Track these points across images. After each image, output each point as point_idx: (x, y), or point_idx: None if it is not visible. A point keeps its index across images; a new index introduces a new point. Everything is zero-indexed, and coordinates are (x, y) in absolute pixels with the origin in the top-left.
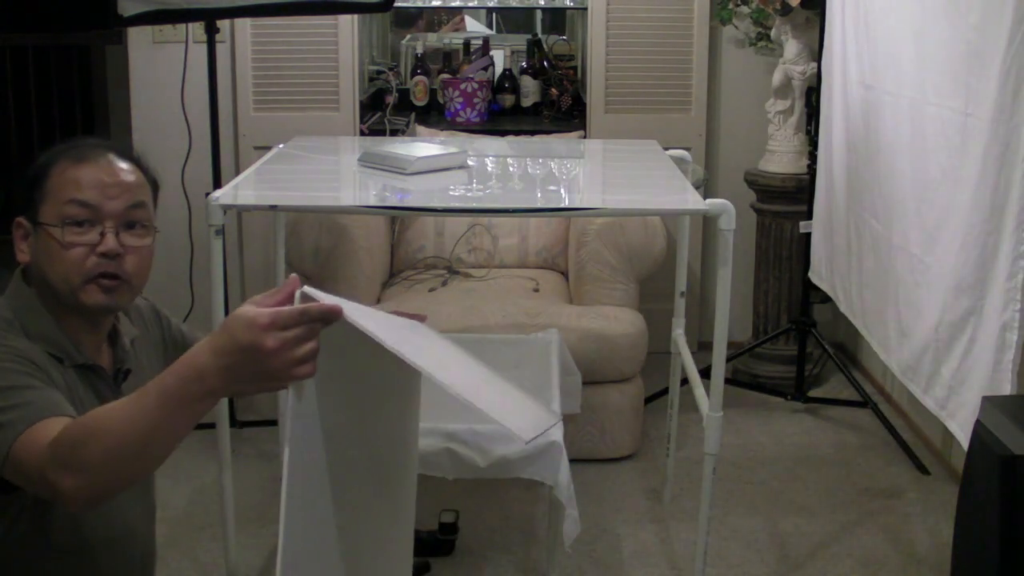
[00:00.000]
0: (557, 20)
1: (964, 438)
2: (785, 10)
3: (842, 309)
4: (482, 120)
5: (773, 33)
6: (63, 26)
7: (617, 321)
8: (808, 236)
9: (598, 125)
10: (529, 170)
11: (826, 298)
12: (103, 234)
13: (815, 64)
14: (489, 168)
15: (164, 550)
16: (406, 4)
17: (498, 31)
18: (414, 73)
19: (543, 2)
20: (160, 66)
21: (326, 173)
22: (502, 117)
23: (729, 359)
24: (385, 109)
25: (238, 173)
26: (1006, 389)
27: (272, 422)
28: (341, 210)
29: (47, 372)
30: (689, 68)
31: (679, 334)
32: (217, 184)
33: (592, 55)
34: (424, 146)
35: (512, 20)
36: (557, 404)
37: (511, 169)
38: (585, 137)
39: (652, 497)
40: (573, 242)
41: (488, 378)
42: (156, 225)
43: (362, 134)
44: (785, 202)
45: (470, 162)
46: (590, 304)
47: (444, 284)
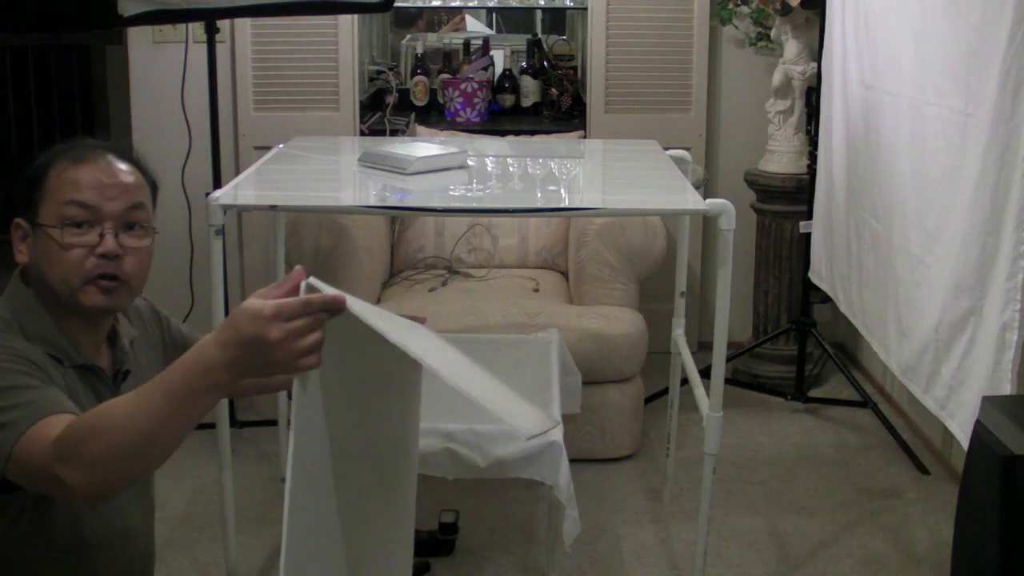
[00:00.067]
0: (557, 20)
1: (964, 438)
2: (785, 10)
3: (842, 309)
4: (482, 120)
5: (773, 33)
6: (63, 26)
7: (617, 321)
8: (808, 236)
9: (598, 125)
10: (529, 170)
11: (826, 298)
12: (102, 235)
13: (815, 64)
14: (489, 168)
15: (164, 550)
16: (406, 4)
17: (498, 31)
18: (414, 73)
19: (543, 2)
20: (160, 66)
21: (326, 173)
22: (502, 117)
23: (729, 359)
24: (385, 109)
25: (238, 173)
26: (1006, 389)
27: (272, 422)
28: (341, 210)
29: (46, 372)
30: (689, 68)
31: (679, 334)
32: (217, 184)
33: (592, 55)
34: (424, 146)
35: (512, 20)
36: (557, 404)
37: (511, 169)
38: (585, 137)
39: (652, 497)
40: (573, 242)
41: (488, 379)
42: (155, 226)
43: (362, 134)
44: (785, 202)
45: (470, 162)
46: (590, 304)
47: (444, 284)
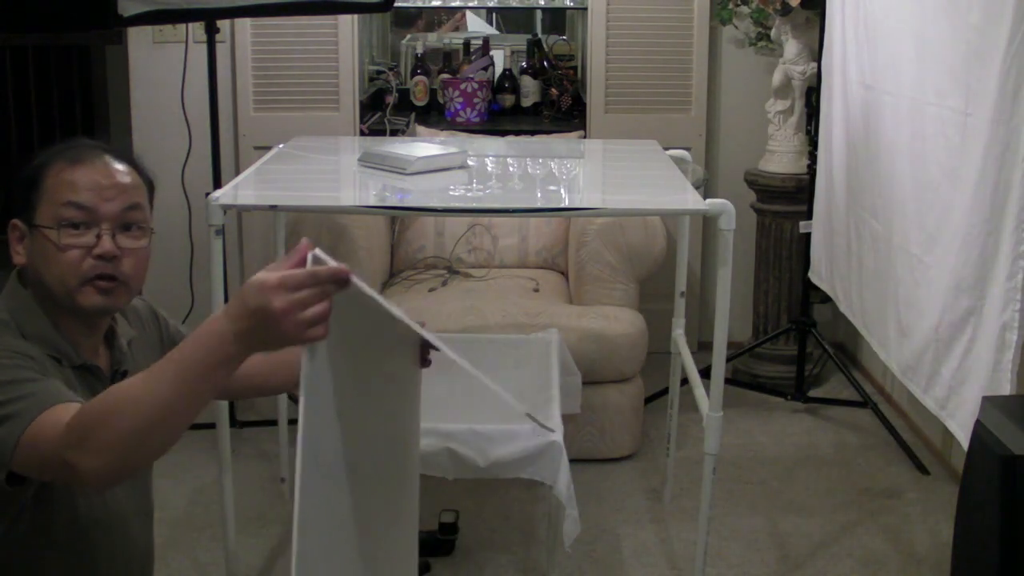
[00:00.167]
0: (557, 20)
1: (964, 438)
2: (785, 10)
3: (842, 309)
4: (482, 120)
5: (773, 33)
6: (63, 26)
7: (617, 321)
8: (808, 236)
9: (598, 125)
10: (529, 170)
11: (826, 298)
12: (99, 236)
13: (815, 64)
14: (489, 168)
15: (164, 550)
16: (406, 4)
17: (498, 31)
18: (414, 73)
19: (543, 2)
20: (160, 66)
21: (326, 173)
22: (502, 117)
23: (729, 359)
24: (385, 109)
25: (238, 173)
26: (1006, 389)
27: (272, 422)
28: (341, 210)
29: (45, 368)
30: (689, 68)
31: (679, 334)
32: (217, 184)
33: (592, 55)
34: (424, 146)
35: (512, 20)
36: (557, 404)
37: (511, 169)
38: (585, 137)
39: (652, 497)
40: (573, 242)
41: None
42: (152, 226)
43: (362, 134)
44: (785, 202)
45: (470, 162)
46: (590, 304)
47: (444, 284)
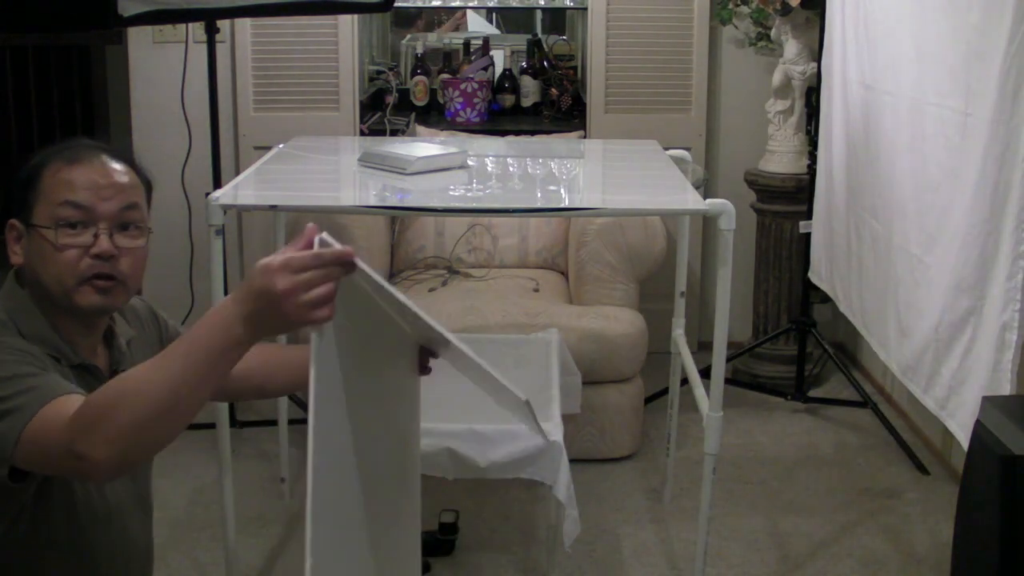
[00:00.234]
0: (557, 20)
1: (964, 438)
2: (785, 10)
3: (842, 309)
4: (482, 120)
5: (773, 33)
6: (63, 26)
7: (617, 321)
8: (808, 236)
9: (598, 125)
10: (529, 170)
11: (826, 298)
12: (97, 236)
13: (815, 64)
14: (489, 168)
15: (164, 550)
16: (406, 4)
17: (498, 31)
18: (414, 73)
19: (543, 2)
20: (160, 66)
21: (326, 173)
22: (502, 117)
23: (729, 359)
24: (385, 109)
25: (238, 173)
26: (1006, 389)
27: (272, 422)
28: (341, 210)
29: (45, 365)
30: (689, 68)
31: (679, 334)
32: (217, 184)
33: (592, 55)
34: (424, 146)
35: (512, 20)
36: (557, 404)
37: (511, 169)
38: (585, 137)
39: (652, 497)
40: (573, 242)
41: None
42: (150, 225)
43: (362, 134)
44: (785, 202)
45: (470, 162)
46: (590, 304)
47: (444, 284)
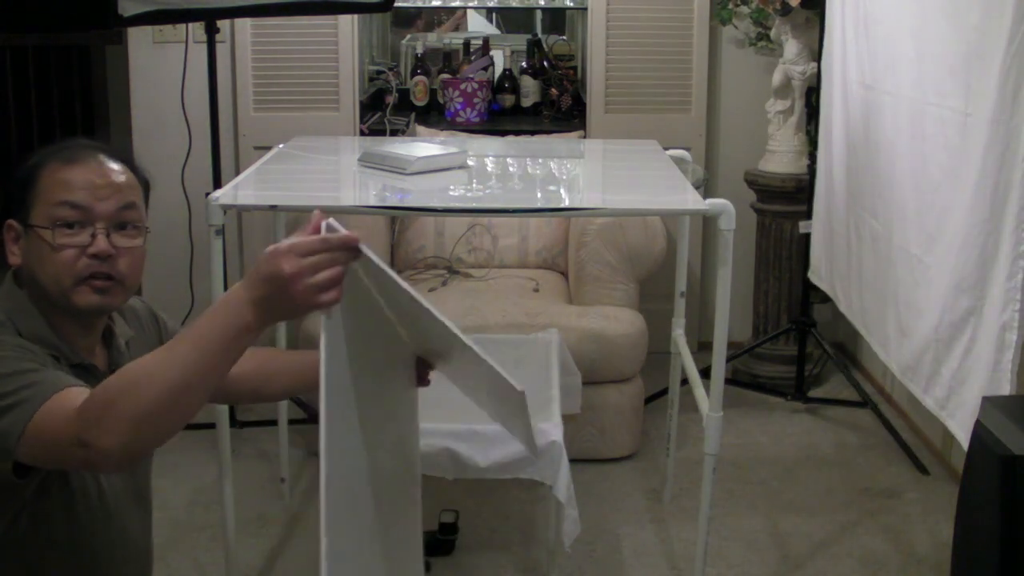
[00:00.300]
0: (557, 20)
1: (964, 438)
2: (785, 10)
3: (842, 309)
4: (482, 120)
5: (773, 33)
6: (63, 26)
7: (617, 321)
8: (808, 236)
9: (598, 125)
10: (529, 170)
11: (826, 298)
12: (94, 235)
13: (815, 64)
14: (489, 168)
15: (164, 550)
16: (406, 4)
17: (498, 31)
18: (414, 73)
19: (543, 2)
20: (160, 66)
21: (326, 173)
22: (502, 117)
23: (729, 359)
24: (385, 109)
25: (238, 173)
26: (1006, 389)
27: (272, 422)
28: (341, 210)
29: (46, 362)
30: (689, 68)
31: (679, 334)
32: (217, 184)
33: (592, 55)
34: (424, 146)
35: (512, 20)
36: (557, 404)
37: (511, 169)
38: (585, 137)
39: (652, 497)
40: (573, 242)
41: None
42: (148, 225)
43: (362, 134)
44: (785, 202)
45: (470, 162)
46: (590, 304)
47: (444, 284)
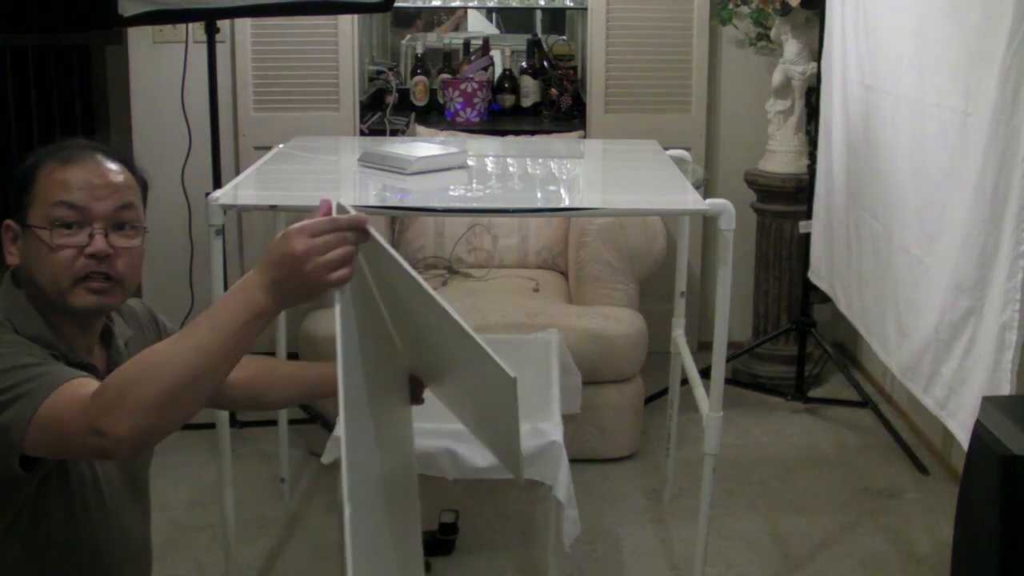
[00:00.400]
0: (557, 20)
1: (964, 438)
2: (785, 10)
3: (842, 309)
4: (482, 120)
5: (773, 33)
6: (63, 26)
7: (617, 321)
8: (808, 236)
9: (598, 125)
10: (529, 170)
11: (826, 298)
12: (92, 236)
13: (815, 64)
14: (489, 168)
15: (164, 550)
16: (406, 4)
17: (498, 31)
18: (414, 73)
19: (543, 2)
20: (160, 66)
21: (326, 173)
22: (502, 117)
23: (729, 359)
24: (385, 109)
25: (238, 173)
26: (1006, 389)
27: (272, 422)
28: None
29: (46, 357)
30: (689, 68)
31: (679, 334)
32: (217, 184)
33: (592, 55)
34: (424, 146)
35: (512, 20)
36: (557, 404)
37: (511, 169)
38: (585, 137)
39: (652, 497)
40: (573, 242)
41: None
42: (146, 225)
43: (362, 134)
44: (785, 202)
45: (470, 162)
46: (590, 304)
47: (444, 284)
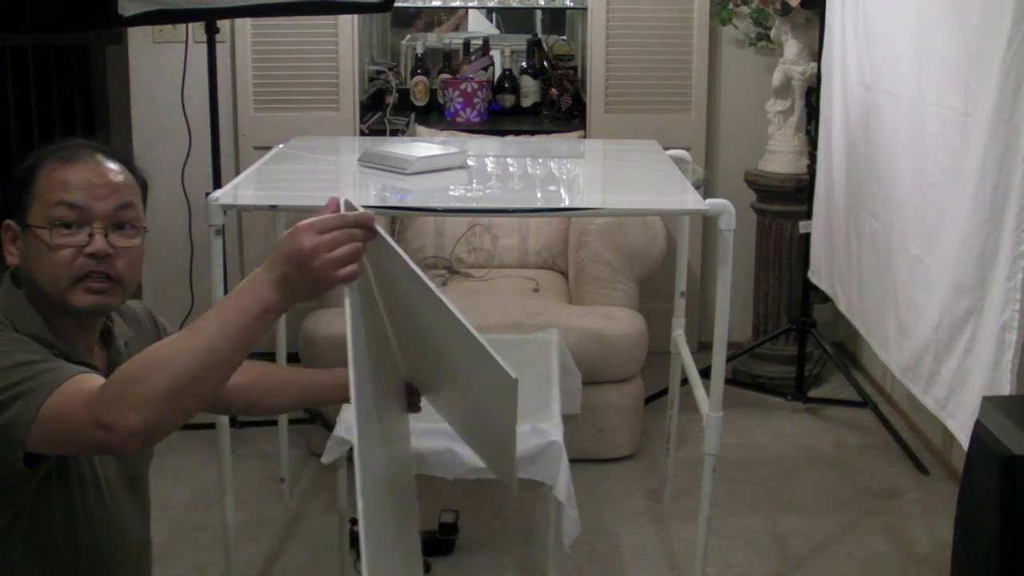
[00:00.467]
0: (557, 20)
1: (964, 438)
2: (785, 10)
3: (842, 309)
4: (482, 120)
5: (773, 33)
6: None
7: (617, 321)
8: (808, 236)
9: (598, 125)
10: (529, 170)
11: (826, 298)
12: (92, 235)
13: (815, 64)
14: (489, 168)
15: (164, 550)
16: (406, 4)
17: (498, 31)
18: (414, 73)
19: (543, 2)
20: (160, 66)
21: (326, 173)
22: (502, 117)
23: (729, 359)
24: (385, 109)
25: (238, 173)
26: (1006, 389)
27: (272, 422)
28: None
29: (49, 355)
30: (689, 68)
31: (679, 334)
32: (217, 184)
33: (592, 55)
34: (424, 146)
35: (512, 20)
36: (557, 404)
37: (511, 169)
38: (585, 137)
39: (652, 497)
40: (573, 242)
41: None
42: (146, 225)
43: (362, 134)
44: (785, 202)
45: (470, 162)
46: (590, 304)
47: (444, 284)
